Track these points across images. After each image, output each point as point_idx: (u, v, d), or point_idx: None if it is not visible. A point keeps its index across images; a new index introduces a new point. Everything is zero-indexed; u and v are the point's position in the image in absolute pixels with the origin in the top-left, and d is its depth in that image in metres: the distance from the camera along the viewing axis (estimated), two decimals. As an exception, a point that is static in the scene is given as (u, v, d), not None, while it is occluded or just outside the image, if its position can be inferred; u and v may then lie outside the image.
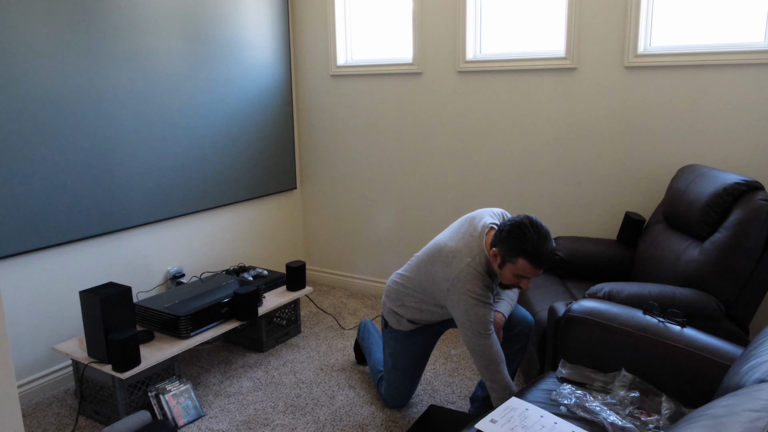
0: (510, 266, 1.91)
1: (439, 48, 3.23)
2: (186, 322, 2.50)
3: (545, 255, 1.86)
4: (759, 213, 2.08)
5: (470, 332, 1.99)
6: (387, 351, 2.39)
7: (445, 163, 3.36)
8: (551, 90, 2.98)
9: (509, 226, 1.90)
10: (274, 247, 3.79)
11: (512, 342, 2.23)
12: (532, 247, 1.85)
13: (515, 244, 1.87)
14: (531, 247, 1.85)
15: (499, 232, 1.93)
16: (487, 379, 2.02)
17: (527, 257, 1.86)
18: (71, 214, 2.58)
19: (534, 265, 1.87)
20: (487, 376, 2.02)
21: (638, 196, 2.87)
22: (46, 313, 2.58)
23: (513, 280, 1.95)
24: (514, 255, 1.88)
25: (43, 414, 2.47)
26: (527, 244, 1.85)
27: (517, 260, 1.88)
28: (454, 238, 2.08)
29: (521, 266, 1.89)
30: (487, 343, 1.99)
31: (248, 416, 2.42)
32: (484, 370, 2.02)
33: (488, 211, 2.12)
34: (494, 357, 2.00)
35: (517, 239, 1.87)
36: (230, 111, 3.30)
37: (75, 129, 2.56)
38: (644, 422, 1.59)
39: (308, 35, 3.66)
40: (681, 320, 1.79)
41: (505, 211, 2.16)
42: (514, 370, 2.28)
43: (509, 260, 1.90)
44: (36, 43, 2.38)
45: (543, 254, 1.86)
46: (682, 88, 2.68)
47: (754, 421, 0.93)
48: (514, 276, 1.93)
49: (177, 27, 2.94)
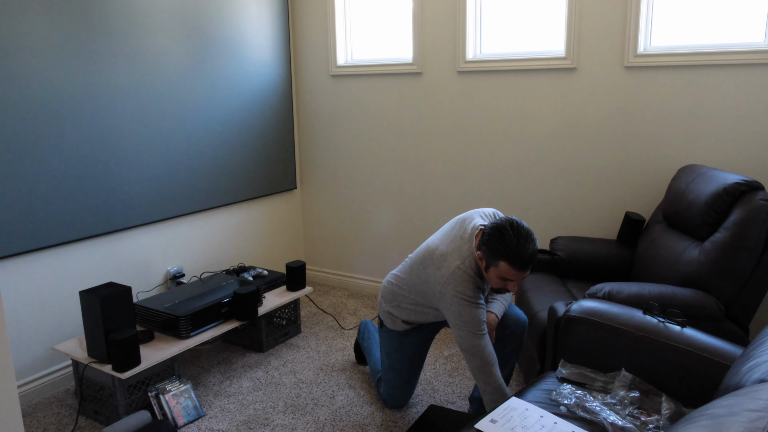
0: (493, 269, 1.93)
1: (439, 48, 3.23)
2: (186, 322, 2.50)
3: (526, 257, 1.85)
4: (759, 213, 2.08)
5: (463, 333, 2.00)
6: (383, 351, 2.40)
7: (445, 163, 3.36)
8: (551, 90, 2.98)
9: (489, 229, 1.91)
10: (274, 247, 3.79)
11: (506, 342, 2.24)
12: (512, 250, 1.85)
13: (495, 247, 1.88)
14: (511, 249, 1.85)
15: (482, 236, 1.94)
16: (480, 381, 2.03)
17: (508, 260, 1.87)
18: (71, 214, 2.58)
19: (515, 268, 1.87)
20: (480, 378, 2.02)
21: (638, 196, 2.87)
22: (46, 313, 2.58)
23: (499, 283, 1.95)
24: (495, 258, 1.89)
25: (43, 414, 2.47)
26: (507, 247, 1.85)
27: (498, 263, 1.89)
28: (444, 241, 2.09)
29: (503, 269, 1.89)
30: (480, 343, 1.99)
31: (248, 416, 2.42)
32: (478, 372, 2.02)
33: (479, 212, 2.13)
34: (487, 358, 2.00)
35: (496, 242, 1.87)
36: (230, 111, 3.30)
37: (75, 129, 2.56)
38: (644, 422, 1.59)
39: (308, 35, 3.66)
40: (681, 320, 1.79)
41: (497, 211, 2.17)
42: (510, 371, 2.28)
43: (492, 263, 1.92)
44: (36, 43, 2.38)
45: (523, 256, 1.85)
46: (682, 88, 2.68)
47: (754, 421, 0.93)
48: (499, 279, 1.94)
49: (177, 27, 2.94)
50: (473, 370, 2.03)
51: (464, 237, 2.04)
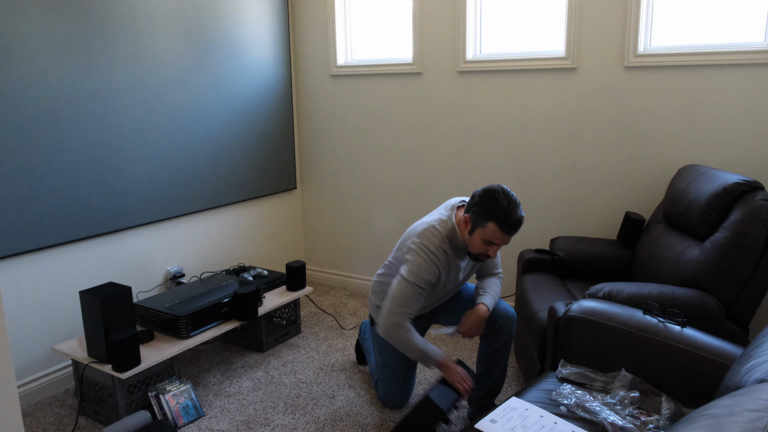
0: (479, 231, 1.99)
1: (439, 48, 3.23)
2: (186, 322, 2.50)
3: (513, 220, 1.94)
4: (759, 213, 2.08)
5: (403, 273, 2.06)
6: (376, 349, 2.41)
7: (445, 163, 3.36)
8: (551, 90, 2.98)
9: (481, 191, 1.99)
10: (274, 247, 3.79)
11: (497, 335, 2.25)
12: (502, 212, 1.93)
13: (486, 208, 1.95)
14: (501, 211, 1.93)
15: (472, 198, 2.02)
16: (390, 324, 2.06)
17: (497, 221, 1.94)
18: (71, 214, 2.58)
19: (502, 230, 1.95)
20: (390, 319, 2.06)
21: (638, 196, 2.87)
22: (46, 313, 2.58)
23: (481, 247, 2.02)
24: (484, 219, 1.96)
25: (43, 414, 2.47)
26: (498, 208, 1.94)
27: (486, 224, 1.96)
28: (426, 218, 2.20)
29: (490, 231, 1.96)
30: (410, 290, 2.04)
31: (248, 416, 2.42)
32: (389, 314, 2.06)
33: (461, 198, 2.23)
34: (408, 304, 2.04)
35: (488, 203, 1.95)
36: (230, 111, 3.29)
37: (75, 129, 2.56)
38: (644, 422, 1.59)
39: (308, 35, 3.66)
40: (681, 320, 1.79)
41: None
42: (504, 367, 2.29)
43: (479, 225, 1.98)
44: (36, 43, 2.38)
45: (512, 219, 1.94)
46: (682, 88, 2.68)
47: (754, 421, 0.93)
48: (482, 242, 2.00)
49: (177, 27, 2.94)
50: (386, 313, 2.08)
51: (446, 208, 2.16)
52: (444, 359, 2.10)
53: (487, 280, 2.30)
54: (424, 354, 2.08)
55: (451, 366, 2.10)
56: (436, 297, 2.25)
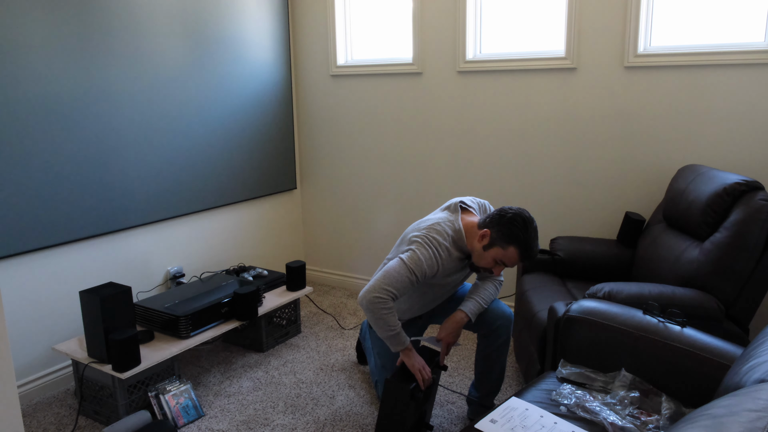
0: (497, 250, 1.98)
1: (439, 48, 3.23)
2: (186, 322, 2.50)
3: (534, 252, 1.98)
4: (759, 213, 2.08)
5: (403, 257, 1.98)
6: (374, 351, 2.41)
7: (444, 163, 3.36)
8: (551, 90, 2.98)
9: (513, 215, 1.97)
10: (274, 247, 3.79)
11: (494, 336, 2.24)
12: (528, 242, 1.95)
13: (514, 233, 1.95)
14: (527, 240, 1.95)
15: (500, 216, 1.99)
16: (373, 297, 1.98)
17: (520, 248, 1.96)
18: (71, 214, 2.58)
19: (522, 256, 1.97)
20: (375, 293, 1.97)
21: (638, 196, 2.87)
22: (46, 313, 2.58)
23: (491, 263, 2.01)
24: (507, 241, 1.96)
25: (43, 414, 2.47)
26: (526, 237, 1.95)
27: (508, 247, 1.96)
28: (429, 215, 2.19)
29: (510, 254, 1.97)
30: (405, 275, 1.96)
31: (248, 416, 2.42)
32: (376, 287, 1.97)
33: (459, 198, 2.22)
34: (397, 286, 1.96)
35: (518, 229, 1.95)
36: (230, 111, 3.29)
37: (75, 129, 2.56)
38: (644, 422, 1.59)
39: (308, 35, 3.66)
40: (681, 320, 1.79)
41: (475, 198, 2.24)
42: (502, 368, 2.28)
43: (500, 245, 1.97)
44: (36, 43, 2.38)
45: (533, 251, 1.98)
46: (682, 88, 2.68)
47: (754, 421, 0.93)
48: (494, 260, 2.00)
49: (177, 27, 2.94)
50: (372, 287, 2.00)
51: (448, 208, 2.15)
52: (410, 346, 2.08)
53: (481, 284, 2.23)
54: (396, 336, 2.02)
55: (414, 354, 2.07)
56: (432, 296, 2.24)
